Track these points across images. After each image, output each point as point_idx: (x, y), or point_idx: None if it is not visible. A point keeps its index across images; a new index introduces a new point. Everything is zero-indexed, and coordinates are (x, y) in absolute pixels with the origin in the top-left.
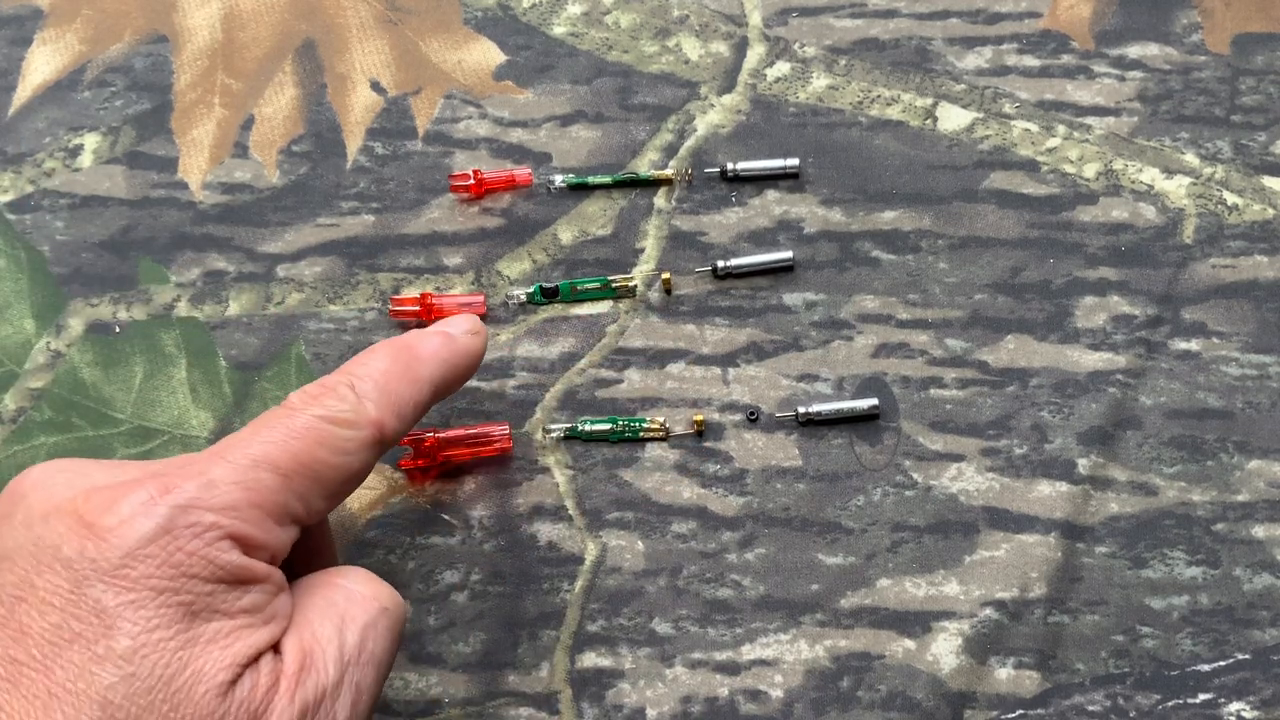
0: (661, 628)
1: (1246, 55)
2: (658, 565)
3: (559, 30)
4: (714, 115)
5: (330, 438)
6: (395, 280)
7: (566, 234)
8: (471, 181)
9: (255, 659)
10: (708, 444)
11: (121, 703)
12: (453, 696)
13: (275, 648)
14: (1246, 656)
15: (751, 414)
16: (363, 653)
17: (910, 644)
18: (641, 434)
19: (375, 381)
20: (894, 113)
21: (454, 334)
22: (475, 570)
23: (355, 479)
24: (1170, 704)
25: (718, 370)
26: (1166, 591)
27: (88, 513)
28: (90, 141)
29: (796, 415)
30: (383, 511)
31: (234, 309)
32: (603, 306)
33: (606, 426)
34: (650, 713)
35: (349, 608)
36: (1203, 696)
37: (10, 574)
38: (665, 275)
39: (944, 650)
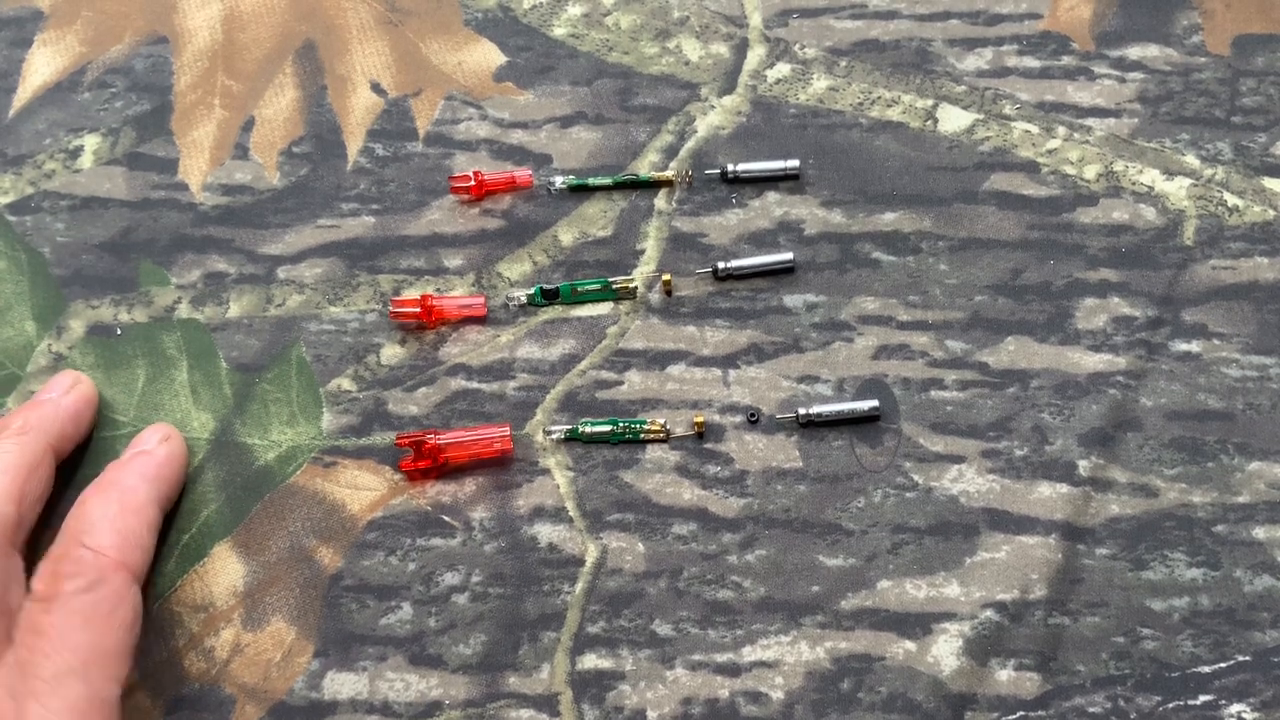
0: (662, 629)
1: (1247, 56)
2: (658, 567)
3: (559, 31)
4: (714, 117)
5: (93, 610)
6: (396, 282)
7: (567, 235)
8: (472, 183)
9: None
10: (708, 445)
11: None
12: (453, 698)
13: None
14: (1247, 658)
15: (752, 415)
16: None
17: (911, 645)
18: (642, 435)
19: (105, 528)
20: (894, 114)
21: (150, 449)
22: (476, 572)
23: (137, 618)
24: (1171, 705)
25: (718, 372)
26: (1167, 593)
27: None
28: (90, 143)
29: (797, 417)
30: (383, 513)
31: (235, 311)
32: (603, 308)
33: (607, 428)
34: (651, 714)
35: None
36: (1203, 698)
37: None
38: (666, 277)
39: (945, 652)
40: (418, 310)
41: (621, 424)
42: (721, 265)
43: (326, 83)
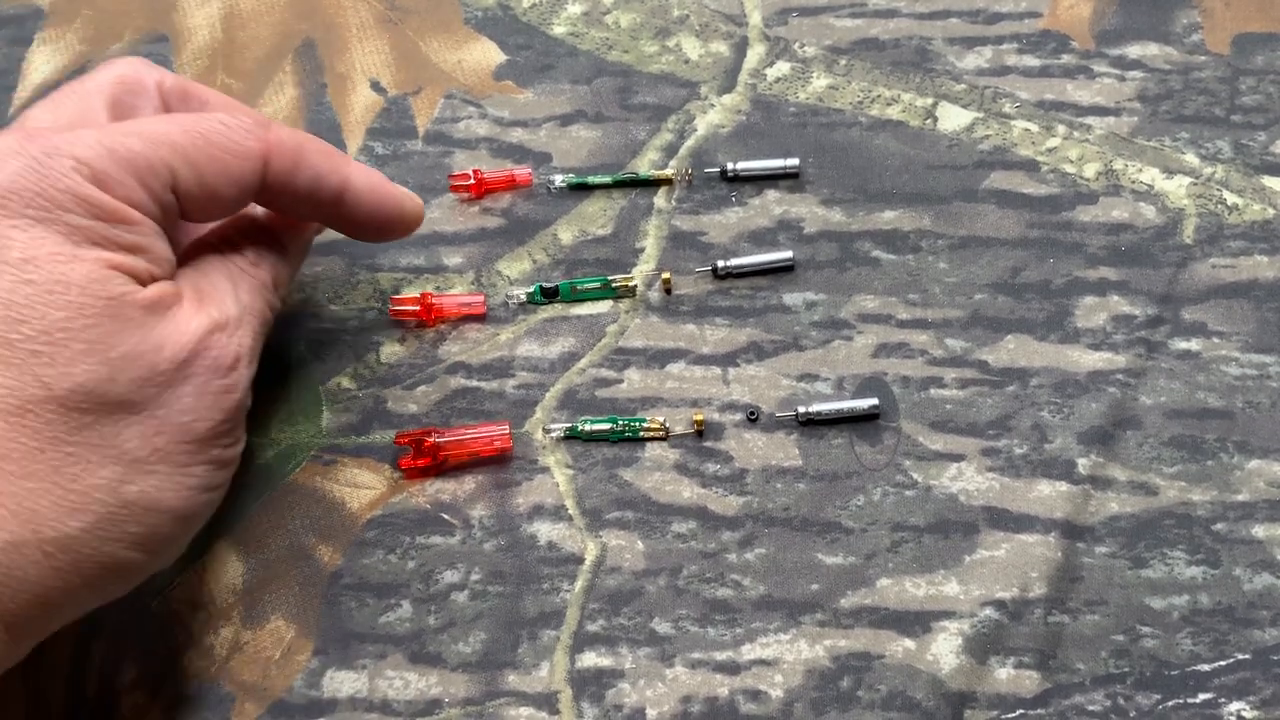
0: (661, 627)
1: (1246, 55)
2: (658, 565)
3: (559, 30)
4: (714, 115)
5: (216, 132)
6: (395, 280)
7: (566, 234)
8: (471, 181)
9: (149, 280)
10: (708, 444)
11: (24, 302)
12: (453, 696)
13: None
14: (1246, 656)
15: (751, 414)
16: (254, 304)
17: (910, 644)
18: (641, 434)
19: (295, 132)
20: (894, 113)
21: (394, 186)
22: (475, 570)
23: (232, 184)
24: (1170, 704)
25: (718, 370)
26: (1166, 591)
27: None
28: None
29: (796, 415)
30: (382, 511)
31: None
32: (603, 306)
33: (606, 426)
34: (650, 712)
35: (240, 275)
36: (1203, 696)
37: None
38: (665, 275)
39: (944, 650)
40: (417, 308)
41: (621, 422)
42: (721, 264)
43: (326, 81)
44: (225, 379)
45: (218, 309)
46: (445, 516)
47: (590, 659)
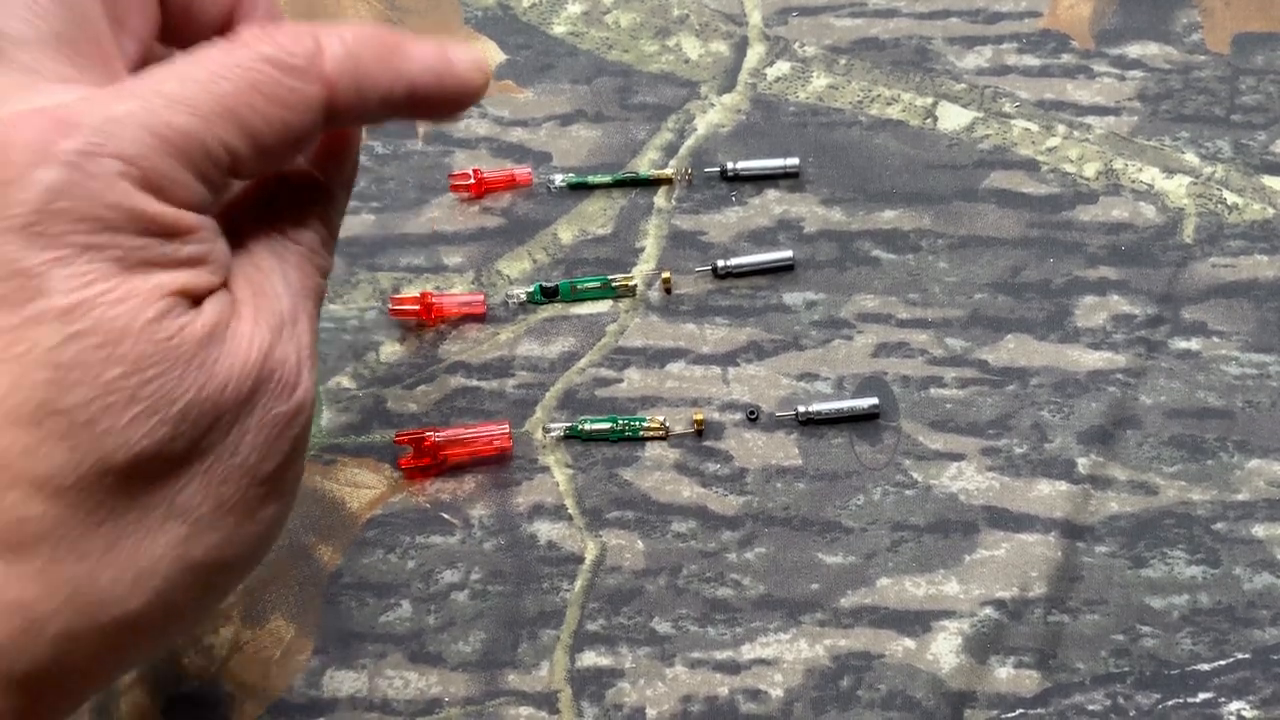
0: (661, 627)
1: (1246, 55)
2: (658, 564)
3: (559, 30)
4: (714, 115)
5: (269, 82)
6: (395, 279)
7: (566, 233)
8: (472, 181)
9: (205, 297)
10: (707, 443)
11: (72, 361)
12: (453, 696)
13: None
14: (1246, 656)
15: (751, 413)
16: (305, 283)
17: (910, 643)
18: (641, 433)
19: (345, 43)
20: (894, 112)
21: (454, 58)
22: (475, 569)
23: (292, 140)
24: (1170, 703)
25: (718, 369)
26: (1166, 591)
27: None
28: None
29: (796, 414)
30: (382, 511)
31: None
32: (603, 306)
33: (606, 425)
34: (650, 712)
35: (285, 249)
36: (1203, 696)
37: None
38: (665, 274)
39: (944, 649)
40: (417, 308)
41: (621, 421)
42: (721, 263)
43: None
44: (288, 403)
45: (270, 308)
46: (445, 516)
47: (590, 658)
